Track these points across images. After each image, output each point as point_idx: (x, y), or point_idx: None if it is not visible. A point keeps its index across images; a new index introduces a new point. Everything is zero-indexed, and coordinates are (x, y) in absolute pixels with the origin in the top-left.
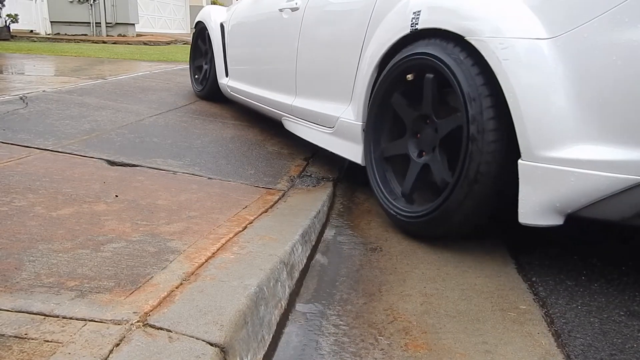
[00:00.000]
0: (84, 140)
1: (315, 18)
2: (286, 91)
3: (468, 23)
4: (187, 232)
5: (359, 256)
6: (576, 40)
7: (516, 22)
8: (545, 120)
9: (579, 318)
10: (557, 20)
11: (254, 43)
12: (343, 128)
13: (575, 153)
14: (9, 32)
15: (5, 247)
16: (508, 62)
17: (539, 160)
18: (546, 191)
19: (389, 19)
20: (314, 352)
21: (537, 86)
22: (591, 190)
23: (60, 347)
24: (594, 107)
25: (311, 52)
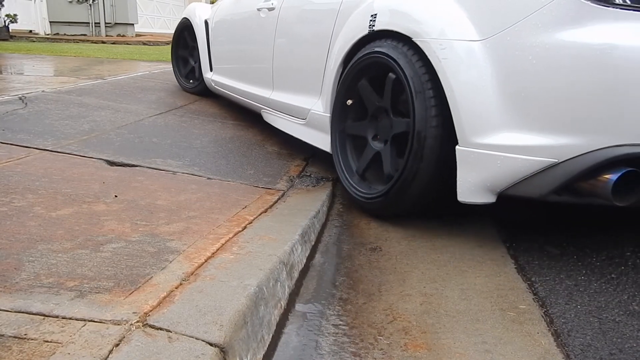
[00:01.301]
0: (83, 141)
1: (289, 17)
2: (264, 85)
3: (415, 26)
4: (187, 232)
5: (359, 256)
6: (502, 42)
7: (454, 26)
8: (476, 112)
9: (578, 318)
10: (486, 24)
11: (235, 40)
12: (314, 119)
13: (501, 140)
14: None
15: (5, 247)
16: (446, 61)
17: (472, 146)
18: (478, 173)
19: (352, 20)
20: (313, 352)
21: (470, 82)
22: (514, 171)
23: (60, 347)
24: (516, 100)
25: (286, 49)
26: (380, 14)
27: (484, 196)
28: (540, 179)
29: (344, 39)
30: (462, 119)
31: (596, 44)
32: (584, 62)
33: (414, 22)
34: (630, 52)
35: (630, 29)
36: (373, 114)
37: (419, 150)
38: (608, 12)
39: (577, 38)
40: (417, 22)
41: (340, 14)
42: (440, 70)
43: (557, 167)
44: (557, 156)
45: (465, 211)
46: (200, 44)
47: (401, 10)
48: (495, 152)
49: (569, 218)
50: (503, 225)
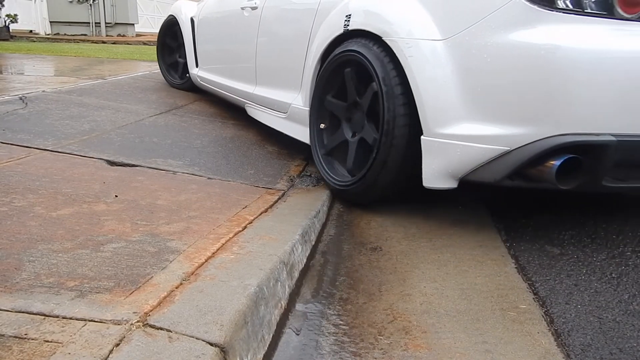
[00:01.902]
0: (83, 141)
1: (271, 16)
2: (248, 81)
3: (385, 26)
4: (187, 232)
5: (359, 256)
6: (461, 42)
7: (419, 26)
8: (439, 104)
9: (578, 317)
10: (448, 25)
11: (220, 37)
12: (294, 113)
13: (461, 130)
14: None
15: (5, 247)
16: (412, 58)
17: (436, 136)
18: (441, 160)
19: (329, 20)
20: (314, 352)
21: (433, 78)
22: (472, 158)
23: (60, 347)
24: (474, 95)
25: (268, 47)
26: (354, 15)
27: (446, 182)
28: (495, 166)
29: (321, 37)
30: (426, 111)
31: (542, 44)
32: (531, 61)
33: (384, 22)
34: (571, 51)
35: (571, 30)
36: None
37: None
38: (552, 16)
39: (525, 38)
40: (387, 22)
41: (318, 13)
42: (407, 66)
43: (510, 155)
44: (509, 144)
45: (466, 211)
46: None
47: (373, 11)
48: (456, 142)
49: (569, 218)
50: (503, 225)
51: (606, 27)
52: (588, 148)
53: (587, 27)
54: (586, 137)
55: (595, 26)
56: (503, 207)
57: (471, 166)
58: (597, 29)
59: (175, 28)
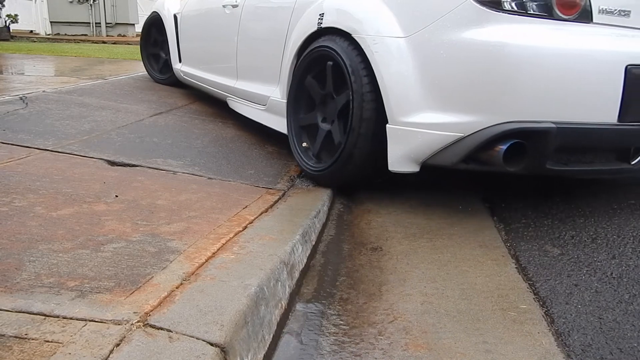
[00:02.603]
0: (84, 141)
1: (251, 14)
2: (229, 75)
3: (354, 24)
4: (187, 232)
5: (359, 256)
6: (421, 39)
7: (384, 25)
8: (402, 95)
9: (579, 318)
10: (409, 24)
11: (202, 33)
12: (273, 105)
13: (421, 118)
14: (8, 33)
15: (6, 247)
16: (378, 54)
17: (399, 124)
18: (404, 146)
19: (304, 18)
20: (314, 352)
21: (396, 71)
22: (431, 144)
23: (61, 347)
24: (432, 87)
25: (248, 43)
26: (327, 14)
27: (409, 166)
28: (451, 150)
29: (297, 34)
30: (391, 101)
31: (490, 41)
32: (481, 56)
33: (353, 21)
34: (516, 48)
35: (516, 29)
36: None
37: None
38: (499, 16)
39: (476, 36)
40: (357, 21)
41: (294, 12)
42: (373, 61)
43: (463, 140)
44: (463, 131)
45: (466, 212)
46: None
47: (344, 10)
48: (417, 129)
49: (569, 218)
50: (504, 225)
51: (546, 27)
52: (531, 134)
53: (530, 27)
54: (529, 124)
55: (537, 26)
56: (503, 207)
57: (431, 151)
58: (538, 29)
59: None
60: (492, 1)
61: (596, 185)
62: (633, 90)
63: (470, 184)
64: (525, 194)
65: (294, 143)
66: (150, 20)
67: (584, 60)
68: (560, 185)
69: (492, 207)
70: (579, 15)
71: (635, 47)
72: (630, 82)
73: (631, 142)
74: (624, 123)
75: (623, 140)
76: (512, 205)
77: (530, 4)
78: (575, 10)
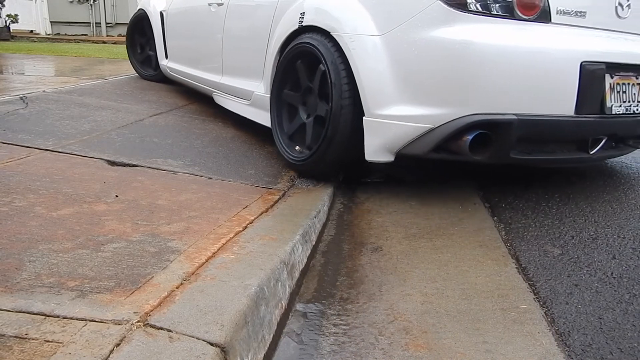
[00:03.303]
0: (84, 141)
1: (236, 12)
2: (215, 71)
3: (333, 23)
4: (188, 232)
5: (359, 256)
6: (394, 37)
7: (361, 23)
8: (377, 90)
9: (579, 318)
10: (384, 23)
11: (189, 31)
12: (257, 100)
13: (395, 111)
14: (9, 32)
15: (6, 247)
16: (355, 51)
17: (375, 117)
18: (380, 137)
19: (286, 16)
20: (314, 352)
21: (372, 67)
22: (404, 135)
23: (61, 347)
24: (405, 81)
25: (233, 40)
26: (307, 13)
27: (385, 156)
28: (423, 141)
29: (280, 31)
30: (367, 95)
31: (457, 39)
32: (449, 53)
33: (332, 20)
34: (481, 46)
35: (481, 29)
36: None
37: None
38: (466, 17)
39: (445, 35)
40: (335, 20)
41: (277, 10)
42: (351, 58)
43: (434, 131)
44: (433, 123)
45: (466, 211)
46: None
47: (323, 9)
48: (391, 121)
49: (569, 218)
50: (504, 225)
51: (509, 27)
52: (495, 125)
53: (493, 26)
54: (493, 116)
55: (500, 25)
56: (503, 207)
57: (404, 142)
58: (501, 28)
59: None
60: (459, 3)
61: (596, 185)
62: (588, 85)
63: (471, 184)
64: (526, 194)
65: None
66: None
67: (542, 57)
68: (561, 185)
69: (492, 207)
70: (538, 15)
71: (590, 45)
72: (585, 77)
73: (588, 133)
74: (580, 115)
75: (581, 132)
76: (512, 205)
77: (494, 5)
78: (535, 11)
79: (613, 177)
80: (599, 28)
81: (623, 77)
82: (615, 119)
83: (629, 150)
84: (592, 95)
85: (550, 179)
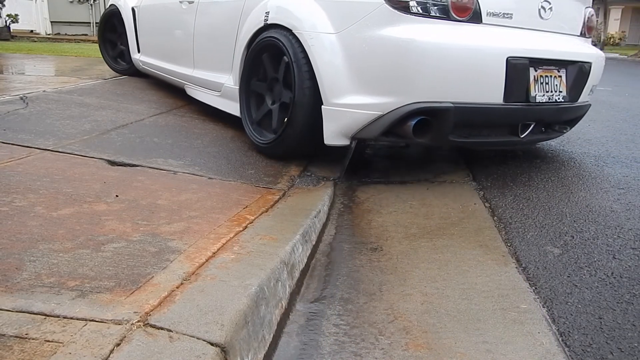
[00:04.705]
0: (84, 140)
1: (206, 10)
2: (187, 65)
3: (294, 22)
4: (188, 232)
5: (360, 256)
6: (347, 35)
7: (319, 22)
8: (333, 82)
9: (579, 317)
10: (338, 22)
11: (161, 26)
12: (227, 91)
13: (349, 100)
14: (9, 32)
15: (6, 247)
16: (314, 47)
17: (332, 105)
18: (336, 124)
19: (252, 15)
20: (314, 352)
21: (329, 61)
22: (357, 121)
23: (61, 347)
24: (357, 74)
25: (204, 36)
26: (271, 12)
27: (341, 140)
28: (373, 126)
29: (247, 28)
30: (324, 86)
31: (402, 37)
32: (395, 49)
33: (294, 19)
34: (421, 43)
35: (422, 28)
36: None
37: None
38: (408, 18)
39: (390, 33)
40: (296, 19)
41: (244, 8)
42: (310, 53)
43: (382, 118)
44: (382, 110)
45: (467, 211)
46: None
47: (286, 9)
48: (346, 109)
49: (570, 218)
50: (504, 225)
51: (445, 27)
52: (434, 112)
53: (432, 26)
54: (432, 104)
55: (438, 26)
56: (504, 207)
57: (357, 127)
58: (439, 28)
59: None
60: (402, 5)
61: (596, 185)
62: (513, 77)
63: (471, 184)
64: (526, 194)
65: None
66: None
67: (474, 53)
68: (561, 185)
69: (492, 207)
70: (470, 17)
71: (515, 43)
72: (511, 70)
73: (517, 119)
74: (508, 103)
75: (510, 118)
76: (512, 205)
77: (432, 8)
78: (468, 13)
79: (613, 178)
80: (524, 28)
81: (546, 70)
82: (539, 106)
83: (556, 134)
84: (518, 86)
85: (550, 179)
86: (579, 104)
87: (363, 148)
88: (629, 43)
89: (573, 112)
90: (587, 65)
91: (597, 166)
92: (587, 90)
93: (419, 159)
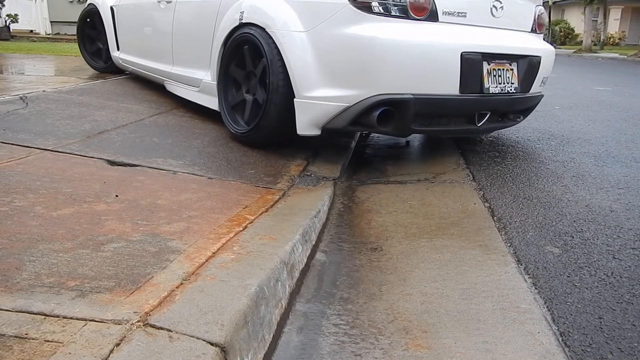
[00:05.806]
0: (84, 140)
1: (183, 9)
2: (166, 62)
3: (267, 21)
4: (188, 231)
5: (359, 256)
6: (316, 33)
7: (290, 21)
8: (304, 76)
9: (579, 317)
10: (308, 21)
11: (140, 25)
12: (205, 87)
13: (319, 93)
14: (9, 32)
15: (6, 247)
16: (286, 44)
17: (303, 98)
18: (308, 115)
19: (228, 14)
20: (314, 352)
21: (299, 57)
22: (327, 113)
23: (61, 347)
24: (325, 69)
25: (182, 34)
26: (246, 12)
27: (313, 130)
28: (341, 117)
29: (223, 27)
30: (296, 80)
31: (365, 35)
32: (359, 46)
33: (267, 18)
34: (383, 40)
35: (383, 27)
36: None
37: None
38: (371, 17)
39: (355, 31)
40: (269, 18)
41: (220, 7)
42: (282, 49)
43: (349, 109)
44: (349, 102)
45: (466, 211)
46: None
47: (259, 8)
48: (316, 102)
49: (569, 218)
50: (504, 225)
51: (405, 25)
52: (396, 103)
53: (393, 25)
54: (394, 95)
55: (398, 24)
56: (504, 207)
57: (327, 118)
58: (399, 26)
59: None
60: (365, 5)
61: (596, 185)
62: (468, 70)
63: (471, 184)
64: (526, 194)
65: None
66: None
67: (431, 49)
68: (561, 185)
69: (492, 207)
70: (428, 16)
71: (469, 39)
72: (465, 64)
73: (473, 109)
74: (464, 94)
75: (466, 107)
76: (512, 205)
77: (393, 8)
78: (425, 12)
79: (613, 178)
80: (477, 25)
81: (498, 64)
82: (493, 97)
83: (511, 123)
84: (472, 78)
85: (550, 180)
86: (530, 94)
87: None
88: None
89: (525, 102)
90: (537, 59)
91: (597, 166)
92: (538, 82)
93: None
